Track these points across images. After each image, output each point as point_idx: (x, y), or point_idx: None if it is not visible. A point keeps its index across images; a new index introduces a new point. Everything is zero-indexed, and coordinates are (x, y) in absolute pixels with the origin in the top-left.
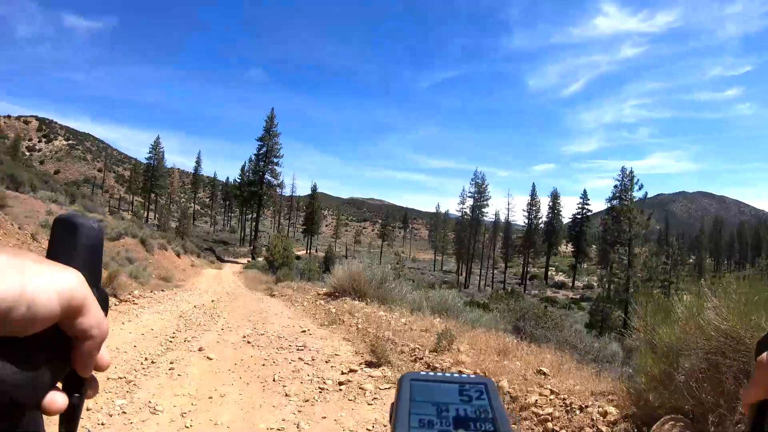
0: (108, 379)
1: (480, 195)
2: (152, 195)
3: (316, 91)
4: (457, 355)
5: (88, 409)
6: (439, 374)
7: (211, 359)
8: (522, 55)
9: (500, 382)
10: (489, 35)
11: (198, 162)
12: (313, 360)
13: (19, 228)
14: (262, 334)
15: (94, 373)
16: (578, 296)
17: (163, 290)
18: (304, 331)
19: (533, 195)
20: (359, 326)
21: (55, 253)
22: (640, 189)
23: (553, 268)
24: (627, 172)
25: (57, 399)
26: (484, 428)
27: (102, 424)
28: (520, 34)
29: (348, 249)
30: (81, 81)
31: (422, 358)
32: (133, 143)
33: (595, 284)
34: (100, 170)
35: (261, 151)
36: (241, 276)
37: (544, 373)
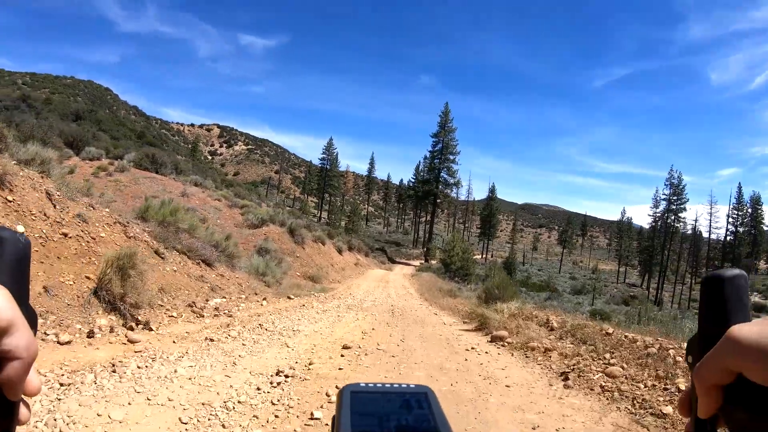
0: None
1: (677, 198)
2: (326, 195)
3: (486, 95)
4: None
5: None
6: (379, 385)
7: None
8: (701, 47)
9: None
10: (662, 27)
11: (371, 164)
12: None
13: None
14: None
15: (24, 397)
16: None
17: (290, 297)
18: None
19: (738, 200)
20: None
21: None
22: None
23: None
24: None
25: None
26: None
27: None
28: (697, 23)
29: (525, 255)
30: (259, 93)
31: None
32: (310, 149)
33: None
34: (276, 172)
35: (436, 148)
36: (414, 280)
37: None
